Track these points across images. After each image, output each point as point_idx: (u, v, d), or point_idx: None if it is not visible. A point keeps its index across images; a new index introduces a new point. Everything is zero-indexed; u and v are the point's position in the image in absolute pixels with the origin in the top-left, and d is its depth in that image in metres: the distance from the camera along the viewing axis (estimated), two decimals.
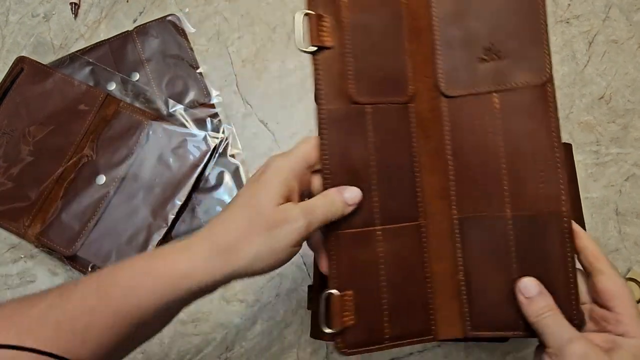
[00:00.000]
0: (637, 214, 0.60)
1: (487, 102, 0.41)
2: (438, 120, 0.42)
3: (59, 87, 0.61)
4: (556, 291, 0.39)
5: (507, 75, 0.41)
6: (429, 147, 0.42)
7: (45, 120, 0.60)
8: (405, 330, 0.41)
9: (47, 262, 0.59)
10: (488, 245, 0.41)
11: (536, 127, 0.41)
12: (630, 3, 0.67)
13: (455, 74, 0.41)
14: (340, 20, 0.40)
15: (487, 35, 0.41)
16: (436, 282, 0.42)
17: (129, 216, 0.57)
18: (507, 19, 0.41)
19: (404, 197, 0.41)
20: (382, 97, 0.41)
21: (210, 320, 0.57)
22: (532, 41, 0.41)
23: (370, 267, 0.40)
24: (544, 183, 0.40)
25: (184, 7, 0.66)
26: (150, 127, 0.60)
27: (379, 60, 0.41)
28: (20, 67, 0.62)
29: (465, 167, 0.42)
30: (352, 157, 0.40)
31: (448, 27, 0.41)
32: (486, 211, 0.41)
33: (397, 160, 0.41)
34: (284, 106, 0.63)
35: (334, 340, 0.39)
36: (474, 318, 0.41)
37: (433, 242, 0.42)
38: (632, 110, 0.63)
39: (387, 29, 0.41)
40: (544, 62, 0.41)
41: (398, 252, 0.41)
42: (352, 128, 0.40)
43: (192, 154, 0.59)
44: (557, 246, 0.40)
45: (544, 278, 0.39)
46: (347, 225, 0.39)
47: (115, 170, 0.58)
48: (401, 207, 0.41)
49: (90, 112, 0.60)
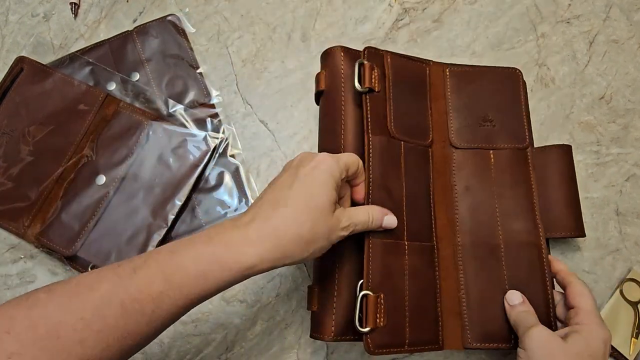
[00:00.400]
0: (638, 214, 0.60)
1: (485, 155, 0.54)
2: (447, 164, 0.54)
3: (58, 87, 0.61)
4: (538, 307, 0.47)
5: (499, 138, 0.55)
6: (440, 184, 0.52)
7: (45, 120, 0.60)
8: (420, 338, 0.46)
9: (46, 262, 0.59)
10: (484, 268, 0.50)
11: (519, 178, 0.53)
12: (631, 3, 0.67)
13: (461, 131, 0.55)
14: (385, 74, 0.53)
15: (484, 109, 0.56)
16: (444, 297, 0.49)
17: (128, 216, 0.57)
18: (497, 99, 0.56)
19: (424, 220, 0.50)
20: (411, 138, 0.52)
21: (210, 321, 0.57)
22: (515, 117, 0.56)
23: (398, 275, 0.46)
24: (524, 221, 0.51)
25: (184, 7, 0.66)
26: (150, 127, 0.60)
27: (411, 110, 0.53)
28: (20, 67, 0.62)
29: (466, 203, 0.52)
30: (389, 178, 0.48)
31: (456, 98, 0.56)
32: (483, 239, 0.51)
33: (420, 189, 0.51)
34: (284, 106, 0.63)
35: (364, 339, 0.43)
36: (472, 332, 0.48)
37: (442, 263, 0.50)
38: (633, 110, 0.63)
39: (417, 88, 0.55)
40: (524, 132, 0.55)
41: (418, 267, 0.48)
42: (391, 156, 0.49)
43: (192, 154, 0.59)
44: (536, 270, 0.50)
45: (528, 294, 0.48)
46: (383, 236, 0.46)
47: (115, 171, 0.58)
48: (421, 229, 0.50)
49: (90, 112, 0.60)
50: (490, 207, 0.52)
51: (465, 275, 0.50)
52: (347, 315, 0.46)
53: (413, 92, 0.54)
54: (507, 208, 0.52)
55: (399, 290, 0.46)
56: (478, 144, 0.54)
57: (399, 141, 0.50)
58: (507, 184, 0.53)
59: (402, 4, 0.67)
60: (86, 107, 0.60)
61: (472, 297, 0.49)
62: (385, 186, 0.47)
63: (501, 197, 0.52)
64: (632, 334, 0.55)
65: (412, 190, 0.49)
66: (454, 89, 0.56)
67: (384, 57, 0.53)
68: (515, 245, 0.51)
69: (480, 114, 0.55)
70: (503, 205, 0.52)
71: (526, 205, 0.52)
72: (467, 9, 0.67)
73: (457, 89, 0.56)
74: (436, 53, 0.65)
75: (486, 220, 0.52)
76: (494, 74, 0.57)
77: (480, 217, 0.52)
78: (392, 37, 0.65)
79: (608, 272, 0.58)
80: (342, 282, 0.47)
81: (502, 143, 0.54)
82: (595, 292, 0.58)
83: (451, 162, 0.54)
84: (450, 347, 0.48)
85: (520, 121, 0.56)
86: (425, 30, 0.66)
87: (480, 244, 0.51)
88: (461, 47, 0.65)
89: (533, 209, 0.52)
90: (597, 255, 0.59)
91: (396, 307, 0.45)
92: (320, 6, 0.67)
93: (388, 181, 0.48)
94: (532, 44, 0.65)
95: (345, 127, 0.51)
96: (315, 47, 0.65)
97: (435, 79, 0.56)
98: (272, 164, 0.61)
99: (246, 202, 0.59)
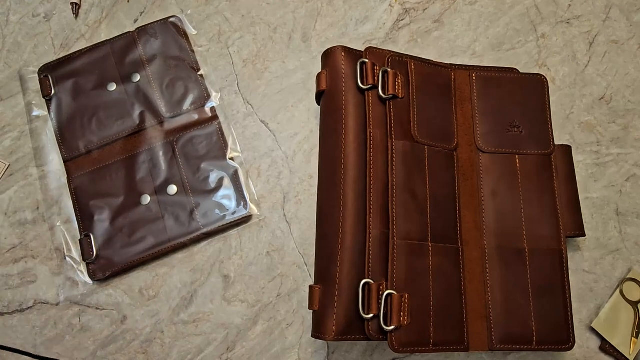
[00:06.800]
0: (638, 214, 0.60)
1: (511, 160, 0.55)
2: (474, 167, 0.55)
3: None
4: (557, 314, 0.50)
5: (525, 144, 0.55)
6: (466, 187, 0.53)
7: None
8: (445, 338, 0.47)
9: (47, 262, 0.59)
10: (510, 272, 0.51)
11: (544, 184, 0.54)
12: (631, 3, 0.67)
13: (488, 136, 0.56)
14: (409, 80, 0.54)
15: (511, 114, 0.57)
16: (469, 299, 0.50)
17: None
18: (524, 105, 0.57)
19: (449, 223, 0.51)
20: (436, 142, 0.53)
21: (212, 321, 0.57)
22: (541, 123, 0.57)
23: (422, 275, 0.47)
24: (549, 227, 0.53)
25: (185, 7, 0.66)
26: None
27: (435, 115, 0.54)
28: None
29: (492, 206, 0.53)
30: (413, 181, 0.50)
31: (483, 102, 0.57)
32: (509, 243, 0.52)
33: (445, 192, 0.52)
34: (285, 106, 0.63)
35: (388, 337, 0.44)
36: (497, 334, 0.49)
37: (468, 265, 0.51)
38: (633, 110, 0.63)
39: (442, 93, 0.56)
40: (549, 138, 0.56)
41: (442, 268, 0.49)
42: (415, 160, 0.51)
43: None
44: (558, 276, 0.51)
45: (549, 302, 0.50)
46: (407, 237, 0.48)
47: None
48: (446, 231, 0.51)
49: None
50: (516, 211, 0.53)
51: (492, 278, 0.51)
52: (348, 314, 0.46)
53: (438, 97, 0.55)
54: (533, 213, 0.53)
55: (423, 291, 0.47)
56: (505, 149, 0.55)
57: (423, 145, 0.52)
58: (532, 189, 0.54)
59: (403, 5, 0.67)
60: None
61: (498, 300, 0.50)
62: (409, 189, 0.49)
63: (527, 202, 0.53)
64: (632, 333, 0.55)
65: (437, 193, 0.51)
66: (480, 93, 0.57)
67: (407, 64, 0.54)
68: (539, 250, 0.52)
69: (508, 119, 0.56)
70: (528, 210, 0.53)
71: (550, 212, 0.53)
72: (468, 10, 0.67)
73: (484, 94, 0.57)
74: (436, 53, 0.65)
75: (512, 224, 0.52)
76: (520, 80, 0.58)
77: (507, 221, 0.53)
78: (392, 38, 0.66)
79: (608, 272, 0.58)
80: (343, 281, 0.47)
81: (528, 149, 0.55)
82: (595, 292, 0.58)
83: (478, 165, 0.55)
84: (476, 349, 0.49)
85: (546, 127, 0.56)
86: (426, 30, 0.66)
87: (506, 248, 0.52)
88: (461, 48, 0.65)
89: (557, 215, 0.53)
90: (597, 255, 0.59)
91: (420, 307, 0.46)
92: (321, 7, 0.67)
93: (412, 184, 0.49)
94: (532, 44, 0.66)
95: (346, 127, 0.51)
96: (316, 48, 0.65)
97: (461, 83, 0.57)
98: (273, 164, 0.62)
99: (244, 205, 0.59)
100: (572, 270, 0.58)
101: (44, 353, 0.56)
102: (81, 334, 0.57)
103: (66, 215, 0.60)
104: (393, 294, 0.45)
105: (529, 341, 0.49)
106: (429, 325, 0.46)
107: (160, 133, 0.61)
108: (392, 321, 0.45)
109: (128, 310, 0.57)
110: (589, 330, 0.57)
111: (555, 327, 0.50)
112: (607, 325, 0.56)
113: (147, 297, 0.58)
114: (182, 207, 0.59)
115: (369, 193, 0.48)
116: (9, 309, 0.58)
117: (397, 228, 0.48)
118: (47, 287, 0.58)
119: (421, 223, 0.49)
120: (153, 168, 0.60)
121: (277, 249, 0.59)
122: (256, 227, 0.60)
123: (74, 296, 0.58)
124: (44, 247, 0.59)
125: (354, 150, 0.50)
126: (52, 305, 0.58)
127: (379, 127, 0.51)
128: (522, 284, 0.51)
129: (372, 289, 0.46)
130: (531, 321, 0.49)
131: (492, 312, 0.50)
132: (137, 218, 0.59)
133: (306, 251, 0.59)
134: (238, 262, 0.58)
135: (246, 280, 0.57)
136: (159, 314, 0.57)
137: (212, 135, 0.61)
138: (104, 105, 0.62)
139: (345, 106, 0.52)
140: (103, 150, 0.61)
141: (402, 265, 0.47)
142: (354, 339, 0.47)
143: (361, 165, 0.50)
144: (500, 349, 0.49)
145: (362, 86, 0.52)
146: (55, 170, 0.61)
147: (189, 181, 0.60)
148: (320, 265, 0.50)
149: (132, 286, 0.58)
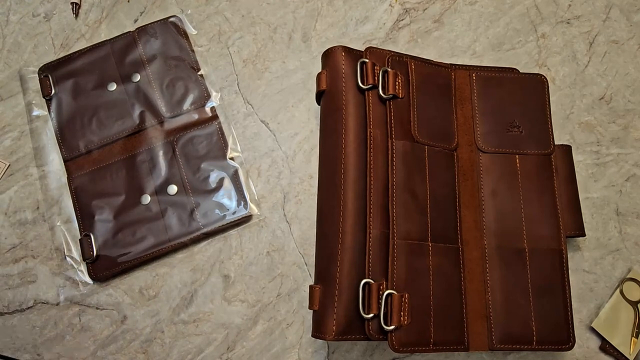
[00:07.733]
0: (638, 214, 0.60)
1: (511, 160, 0.55)
2: (474, 167, 0.55)
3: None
4: (557, 314, 0.50)
5: (525, 144, 0.55)
6: (466, 187, 0.53)
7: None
8: (445, 338, 0.47)
9: (47, 262, 0.59)
10: (510, 272, 0.51)
11: (544, 184, 0.54)
12: (631, 3, 0.67)
13: (488, 136, 0.56)
14: (409, 80, 0.54)
15: (511, 114, 0.56)
16: (469, 299, 0.50)
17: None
18: (524, 106, 0.57)
19: (449, 223, 0.51)
20: (436, 142, 0.53)
21: (212, 321, 0.57)
22: (541, 123, 0.57)
23: (422, 275, 0.48)
24: (549, 227, 0.52)
25: (185, 7, 0.66)
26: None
27: (435, 115, 0.54)
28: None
29: (492, 206, 0.53)
30: (413, 181, 0.50)
31: (483, 102, 0.57)
32: (509, 243, 0.52)
33: (445, 191, 0.52)
34: (285, 106, 0.63)
35: (389, 337, 0.45)
36: (497, 333, 0.49)
37: (468, 265, 0.51)
38: (633, 110, 0.63)
39: (442, 92, 0.55)
40: (549, 138, 0.56)
41: (442, 267, 0.49)
42: (415, 160, 0.51)
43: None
44: (558, 276, 0.51)
45: (549, 302, 0.50)
46: (407, 237, 0.48)
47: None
48: (446, 231, 0.51)
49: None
50: (516, 211, 0.53)
51: (492, 277, 0.51)
52: (348, 314, 0.47)
53: (438, 96, 0.55)
54: (533, 213, 0.53)
55: (423, 291, 0.47)
56: (505, 148, 0.55)
57: (423, 145, 0.52)
58: (532, 189, 0.54)
59: (403, 5, 0.67)
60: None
61: (498, 300, 0.50)
62: (409, 189, 0.49)
63: (527, 202, 0.53)
64: (632, 333, 0.56)
65: (437, 193, 0.51)
66: (480, 93, 0.57)
67: (407, 64, 0.54)
68: (539, 250, 0.52)
69: (508, 119, 0.56)
70: (528, 210, 0.53)
71: (550, 211, 0.53)
72: (468, 10, 0.67)
73: (484, 94, 0.57)
74: (437, 53, 0.65)
75: (512, 224, 0.53)
76: (520, 80, 0.58)
77: (507, 221, 0.53)
78: (392, 38, 0.66)
79: (608, 272, 0.59)
80: (344, 281, 0.47)
81: (528, 149, 0.55)
82: (595, 292, 0.58)
83: (478, 165, 0.55)
84: (476, 348, 0.49)
85: (546, 127, 0.56)
86: (426, 30, 0.66)
87: (506, 248, 0.52)
88: (462, 48, 0.65)
89: (557, 215, 0.53)
90: (597, 255, 0.59)
91: (420, 307, 0.46)
92: (321, 6, 0.67)
93: (412, 184, 0.49)
94: (532, 44, 0.66)
95: (346, 127, 0.51)
96: (316, 48, 0.65)
97: (461, 83, 0.57)
98: (273, 164, 0.62)
99: (245, 205, 0.59)
100: (572, 270, 0.58)
101: (44, 353, 0.56)
102: (81, 333, 0.57)
103: (66, 215, 0.60)
104: (393, 294, 0.45)
105: (529, 341, 0.49)
106: (429, 325, 0.46)
107: (160, 133, 0.61)
108: (392, 321, 0.45)
109: (128, 310, 0.57)
110: (589, 330, 0.57)
111: (555, 327, 0.50)
112: (607, 325, 0.56)
113: (147, 297, 0.58)
114: (182, 206, 0.59)
115: (369, 193, 0.48)
116: (9, 309, 0.58)
117: (397, 228, 0.48)
118: (47, 287, 0.58)
119: (421, 223, 0.49)
120: (153, 168, 0.60)
121: (277, 248, 0.59)
122: (256, 227, 0.60)
123: (74, 296, 0.58)
124: (44, 247, 0.59)
125: (354, 150, 0.51)
126: (52, 305, 0.58)
127: (379, 127, 0.51)
128: (522, 283, 0.51)
129: (372, 288, 0.46)
130: (531, 321, 0.49)
131: (492, 312, 0.50)
132: (137, 218, 0.59)
133: (306, 251, 0.59)
134: (238, 262, 0.58)
135: (246, 280, 0.57)
136: (159, 314, 0.57)
137: (212, 135, 0.61)
138: (104, 105, 0.62)
139: (345, 106, 0.52)
140: (103, 150, 0.61)
141: (402, 265, 0.47)
142: (354, 339, 0.47)
143: (361, 165, 0.50)
144: (500, 348, 0.49)
145: (362, 86, 0.52)
146: (56, 170, 0.61)
147: (189, 181, 0.60)
148: (320, 265, 0.50)
149: (132, 286, 0.58)
